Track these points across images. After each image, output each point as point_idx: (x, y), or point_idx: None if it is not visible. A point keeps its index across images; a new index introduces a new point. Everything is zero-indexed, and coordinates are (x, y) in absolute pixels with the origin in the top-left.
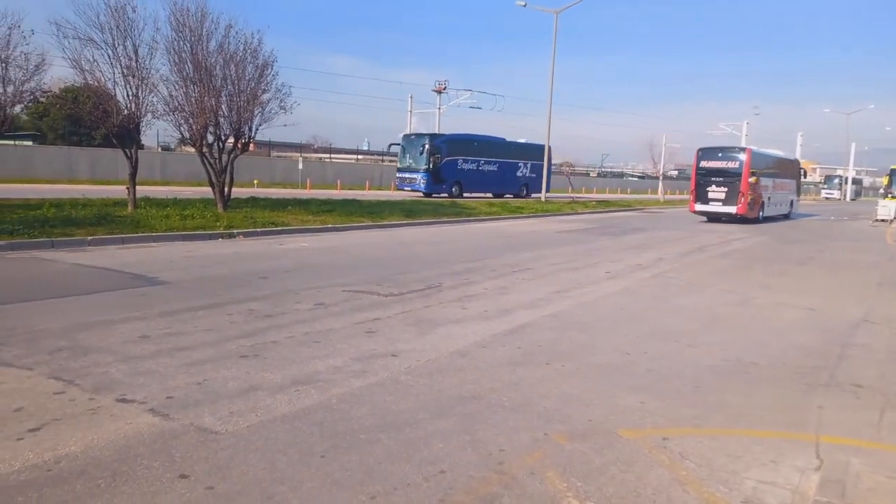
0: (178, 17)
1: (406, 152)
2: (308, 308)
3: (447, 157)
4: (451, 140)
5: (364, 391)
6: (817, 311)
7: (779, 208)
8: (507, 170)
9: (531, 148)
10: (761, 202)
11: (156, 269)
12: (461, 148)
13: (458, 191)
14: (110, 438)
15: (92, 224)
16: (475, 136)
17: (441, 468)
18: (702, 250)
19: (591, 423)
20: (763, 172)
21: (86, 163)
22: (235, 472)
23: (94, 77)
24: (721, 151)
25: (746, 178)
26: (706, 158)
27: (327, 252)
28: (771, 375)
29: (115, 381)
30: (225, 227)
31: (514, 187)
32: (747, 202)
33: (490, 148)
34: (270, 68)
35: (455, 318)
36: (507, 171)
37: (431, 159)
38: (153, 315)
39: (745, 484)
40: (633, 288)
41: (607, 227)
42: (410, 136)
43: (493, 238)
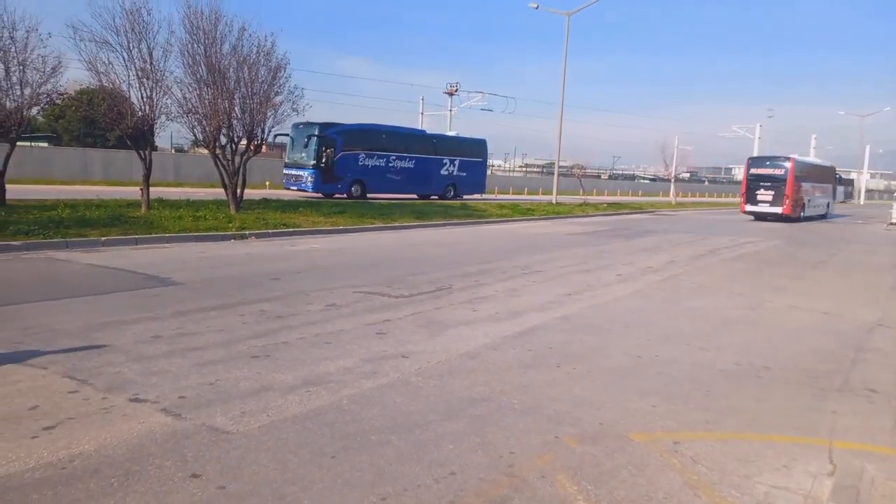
0: (192, 20)
1: (294, 144)
2: (319, 309)
3: (343, 151)
4: (348, 131)
5: (374, 392)
6: (831, 315)
7: (817, 209)
8: (428, 167)
9: (461, 143)
10: (802, 204)
11: (168, 270)
12: (363, 140)
13: (360, 191)
14: (123, 437)
15: (106, 225)
16: (382, 127)
17: (451, 470)
18: (714, 253)
19: (601, 426)
20: (804, 178)
21: (100, 164)
22: (247, 471)
23: (109, 79)
24: (769, 160)
25: (791, 183)
26: (755, 166)
27: (338, 253)
28: (783, 379)
29: (128, 381)
30: (237, 228)
31: (436, 188)
32: (791, 204)
33: (403, 141)
34: (283, 70)
35: (465, 319)
36: (428, 169)
37: (322, 153)
38: (166, 315)
39: (757, 489)
40: (645, 291)
41: (619, 230)
42: (299, 126)
43: (504, 240)
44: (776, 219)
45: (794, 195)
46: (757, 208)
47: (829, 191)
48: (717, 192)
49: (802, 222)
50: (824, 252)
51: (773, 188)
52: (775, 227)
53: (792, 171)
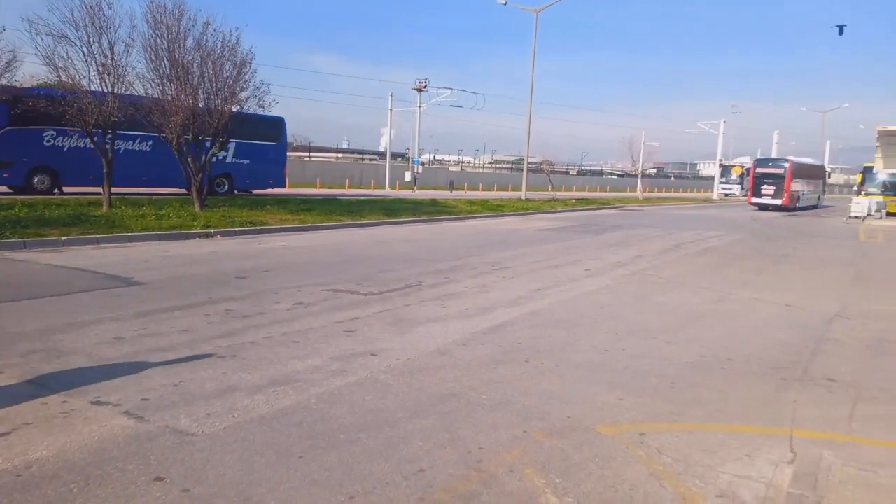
0: (154, 15)
1: None
2: (287, 308)
3: (11, 127)
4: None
5: (343, 391)
6: (793, 308)
7: (810, 201)
8: None
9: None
10: (798, 197)
11: (131, 270)
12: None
13: (49, 183)
14: (84, 442)
15: (66, 224)
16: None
17: (420, 467)
18: (680, 248)
19: (569, 419)
20: (799, 175)
21: None
22: (212, 474)
23: (68, 74)
24: (771, 161)
25: (789, 179)
26: (760, 166)
27: (307, 251)
28: (747, 371)
29: (89, 384)
30: (202, 226)
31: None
32: (789, 197)
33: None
34: (248, 66)
35: (435, 316)
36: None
37: None
38: (128, 316)
39: (721, 478)
40: (613, 285)
41: (587, 225)
42: None
43: (474, 236)
44: (776, 209)
45: (791, 189)
46: (761, 200)
47: (819, 185)
48: (684, 188)
49: (796, 211)
50: (786, 245)
51: (774, 184)
52: (739, 220)
53: (790, 170)
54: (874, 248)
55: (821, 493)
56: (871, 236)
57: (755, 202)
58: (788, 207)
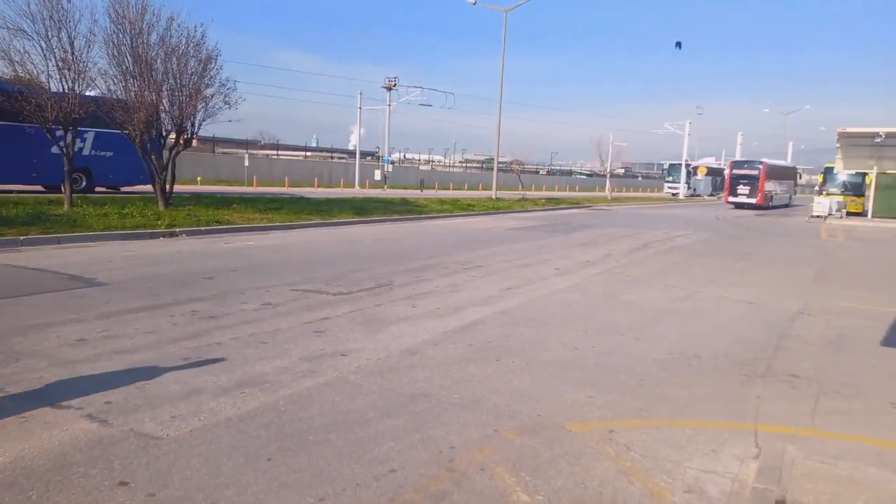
0: (116, 9)
1: None
2: (254, 308)
3: None
4: None
5: (313, 391)
6: (756, 305)
7: (782, 200)
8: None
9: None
10: (771, 196)
11: (94, 270)
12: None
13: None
14: (44, 447)
15: (25, 223)
16: None
17: (391, 467)
18: (647, 247)
19: (540, 417)
20: (772, 176)
21: None
22: (178, 477)
23: (25, 69)
24: (746, 163)
25: (762, 180)
26: (736, 168)
27: (275, 251)
28: (713, 367)
29: (50, 387)
30: (167, 225)
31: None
32: (762, 196)
33: None
34: (214, 62)
35: (406, 316)
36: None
37: None
38: (91, 317)
39: (688, 473)
40: (582, 284)
41: (557, 225)
42: None
43: (445, 236)
44: (751, 207)
45: (765, 189)
46: (737, 199)
47: (791, 186)
48: (651, 188)
49: (770, 210)
50: (750, 244)
51: (749, 184)
52: (705, 220)
53: (763, 171)
54: (835, 247)
55: (784, 487)
56: (832, 235)
57: (732, 201)
58: (763, 206)
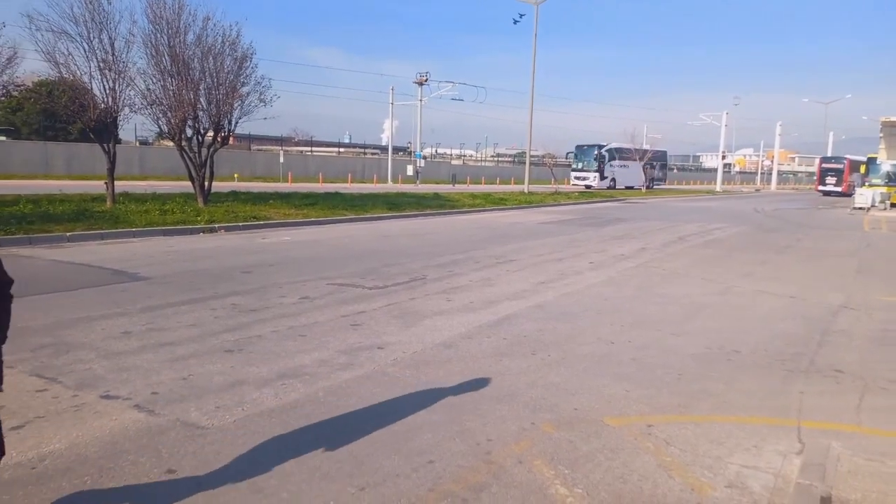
0: (154, 10)
1: None
2: (292, 302)
3: None
4: None
5: (351, 384)
6: (797, 299)
7: None
8: None
9: None
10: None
11: (137, 265)
12: None
13: None
14: (95, 435)
15: (70, 220)
16: None
17: (429, 458)
18: (683, 240)
19: (576, 411)
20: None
21: (62, 158)
22: (223, 466)
23: (69, 70)
24: (833, 159)
25: (847, 172)
26: (825, 162)
27: (310, 246)
28: (753, 362)
29: (99, 378)
30: (206, 221)
31: None
32: (846, 186)
33: None
34: (249, 60)
35: (440, 310)
36: None
37: None
38: (135, 311)
39: (729, 468)
40: (617, 278)
41: (590, 218)
42: None
43: (477, 230)
44: (838, 195)
45: (848, 180)
46: (826, 188)
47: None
48: (687, 180)
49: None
50: (790, 237)
51: (835, 176)
52: (742, 212)
53: (847, 166)
54: (878, 239)
55: (830, 484)
56: (874, 227)
57: (821, 189)
58: (846, 194)
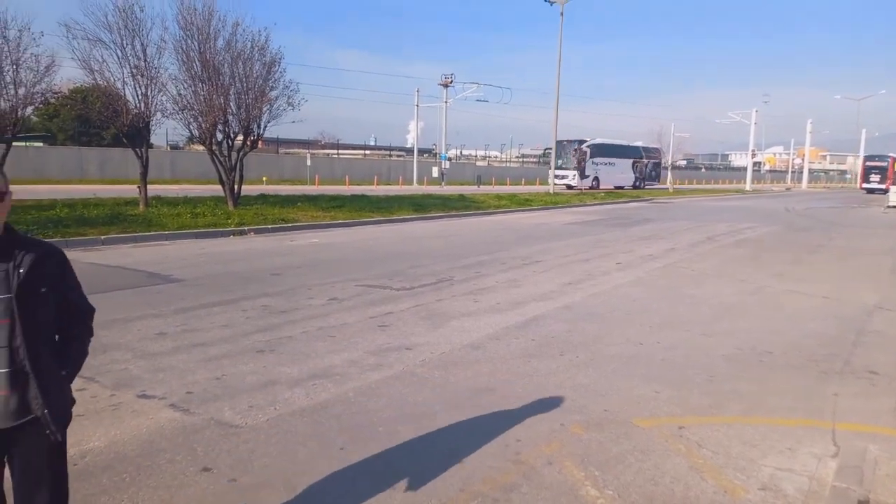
0: (185, 16)
1: None
2: (321, 303)
3: None
4: None
5: (380, 384)
6: (831, 299)
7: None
8: None
9: None
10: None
11: (169, 267)
12: None
13: None
14: (133, 433)
15: (104, 223)
16: None
17: (459, 459)
18: (712, 240)
19: (606, 412)
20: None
21: (96, 162)
22: (257, 464)
23: (103, 77)
24: (877, 157)
25: (891, 170)
26: (869, 161)
27: (338, 248)
28: (785, 363)
29: (135, 378)
30: (236, 224)
31: None
32: (890, 182)
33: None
34: (278, 65)
35: (467, 311)
36: None
37: None
38: (169, 312)
39: (763, 471)
40: (645, 278)
41: (617, 218)
42: None
43: (503, 231)
44: (881, 192)
45: (892, 177)
46: (870, 185)
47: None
48: (715, 179)
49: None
50: (822, 236)
51: (879, 173)
52: (773, 211)
53: (891, 164)
54: None
55: (868, 487)
56: None
57: (865, 187)
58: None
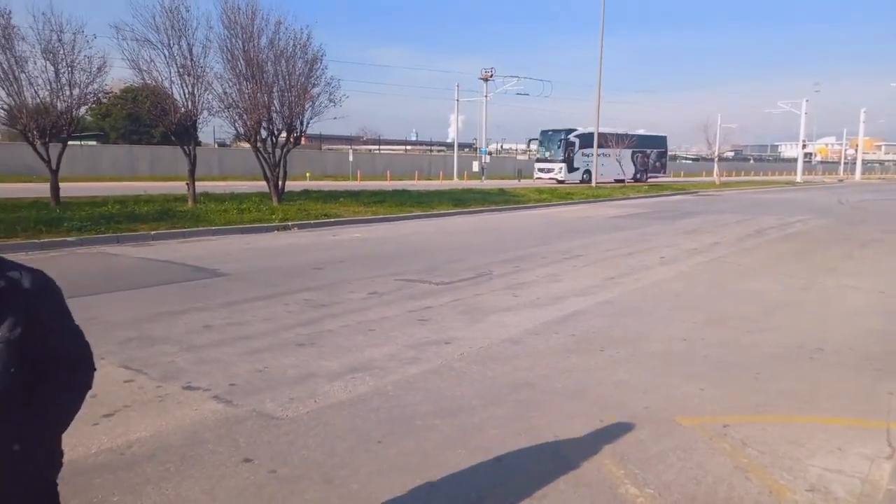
0: (229, 16)
1: None
2: (361, 297)
3: None
4: None
5: (418, 378)
6: (887, 294)
7: None
8: None
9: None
10: None
11: (216, 262)
12: None
13: None
14: (178, 424)
15: (154, 219)
16: None
17: (496, 454)
18: (761, 233)
19: (647, 410)
20: None
21: (146, 160)
22: (296, 456)
23: (151, 77)
24: None
25: None
26: None
27: (379, 242)
28: (837, 361)
29: (181, 370)
30: (280, 219)
31: None
32: None
33: None
34: (319, 62)
35: (506, 305)
36: None
37: None
38: (215, 305)
39: (811, 471)
40: (689, 273)
41: (661, 212)
42: None
43: (544, 225)
44: None
45: None
46: None
47: None
48: (764, 171)
49: None
50: (876, 229)
51: None
52: (825, 204)
53: None
54: None
55: None
56: None
57: None
58: None
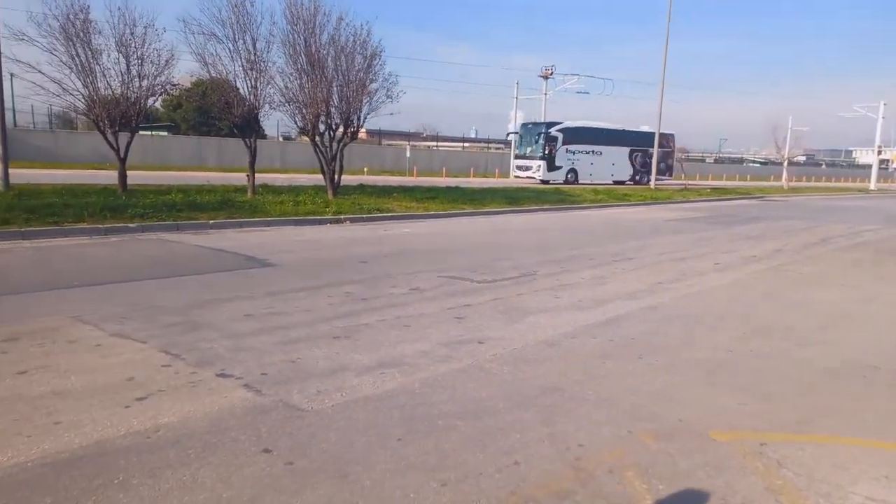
0: (292, 11)
1: None
2: (403, 292)
3: None
4: None
5: (447, 377)
6: None
7: None
8: None
9: None
10: None
11: (267, 252)
12: None
13: None
14: (206, 411)
15: (214, 209)
16: None
17: (515, 459)
18: (826, 242)
19: (681, 422)
20: None
21: (213, 151)
22: (315, 449)
23: (216, 70)
24: None
25: None
26: None
27: (427, 238)
28: (893, 381)
29: (218, 357)
30: (333, 212)
31: None
32: None
33: None
34: (378, 58)
35: (546, 307)
36: None
37: None
38: (260, 295)
39: (851, 499)
40: (744, 281)
41: (722, 216)
42: None
43: (596, 226)
44: None
45: None
46: None
47: None
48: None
49: None
50: None
51: None
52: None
53: None
54: None
55: None
56: None
57: None
58: None
